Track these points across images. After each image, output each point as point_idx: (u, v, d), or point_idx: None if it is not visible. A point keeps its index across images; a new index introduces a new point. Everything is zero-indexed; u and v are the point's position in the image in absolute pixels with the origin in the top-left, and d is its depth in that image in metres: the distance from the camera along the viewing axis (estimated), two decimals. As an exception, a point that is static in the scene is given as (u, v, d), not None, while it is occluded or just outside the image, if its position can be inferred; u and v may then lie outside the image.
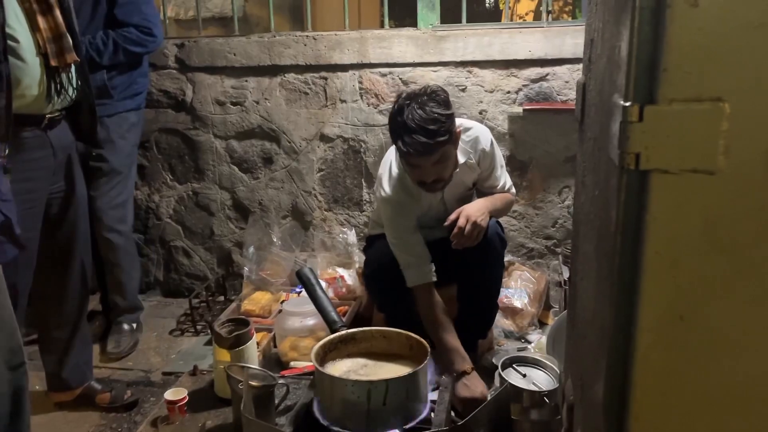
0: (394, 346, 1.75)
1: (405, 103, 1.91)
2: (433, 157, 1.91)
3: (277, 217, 3.09)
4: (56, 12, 1.74)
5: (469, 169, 2.18)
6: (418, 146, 1.87)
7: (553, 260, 2.81)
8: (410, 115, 1.88)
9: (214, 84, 3.00)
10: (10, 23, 1.63)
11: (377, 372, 1.68)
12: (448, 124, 1.91)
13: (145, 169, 3.15)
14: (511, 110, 2.74)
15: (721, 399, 0.79)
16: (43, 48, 1.72)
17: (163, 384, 2.35)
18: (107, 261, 2.64)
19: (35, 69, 1.71)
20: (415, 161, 1.93)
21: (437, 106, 1.90)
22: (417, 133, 1.86)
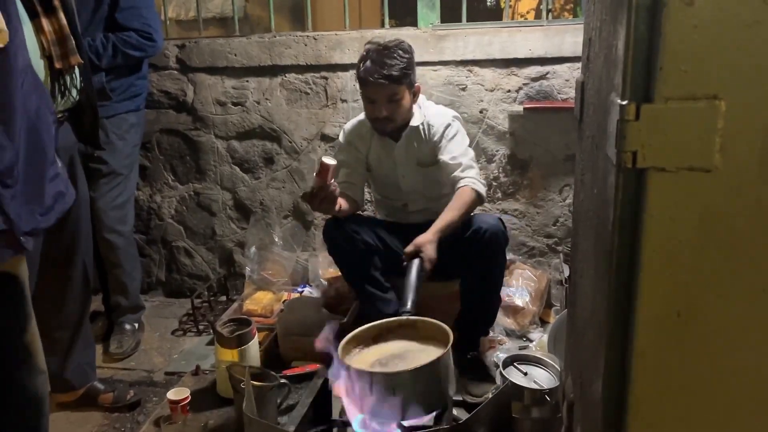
0: (426, 334, 1.75)
1: (372, 46, 2.21)
2: (384, 90, 2.16)
3: (278, 217, 3.10)
4: (60, 14, 1.74)
5: (419, 134, 2.31)
6: (371, 71, 2.14)
7: (554, 259, 2.81)
8: (374, 52, 2.18)
9: (215, 84, 3.01)
10: None
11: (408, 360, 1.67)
12: (404, 65, 2.17)
13: (146, 170, 3.16)
14: (512, 109, 2.74)
15: (719, 395, 0.79)
16: (47, 50, 1.72)
17: (166, 384, 2.36)
18: (108, 262, 2.65)
19: (39, 71, 1.71)
20: (369, 91, 2.20)
21: (401, 50, 2.18)
22: (374, 61, 2.15)
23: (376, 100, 2.20)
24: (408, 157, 2.35)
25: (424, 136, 2.31)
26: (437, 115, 2.34)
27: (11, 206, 1.20)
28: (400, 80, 2.17)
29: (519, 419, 1.68)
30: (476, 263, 2.20)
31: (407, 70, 2.19)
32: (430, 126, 2.31)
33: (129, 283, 2.71)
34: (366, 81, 2.18)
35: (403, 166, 2.37)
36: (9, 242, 1.21)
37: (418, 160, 2.35)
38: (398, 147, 2.34)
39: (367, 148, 2.39)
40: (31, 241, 1.29)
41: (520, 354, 1.88)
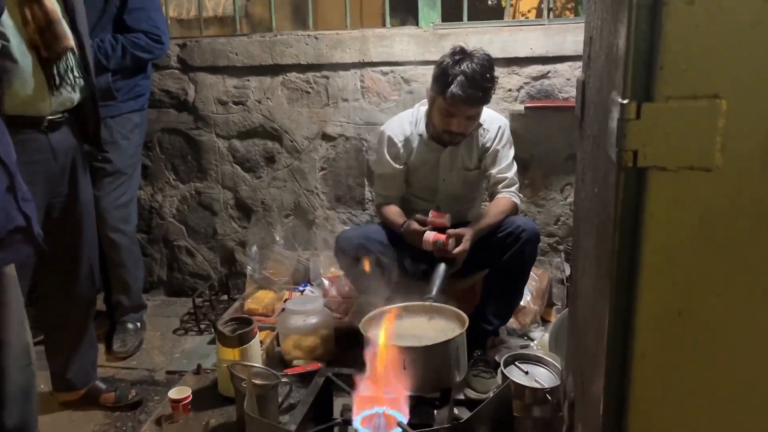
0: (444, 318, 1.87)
1: (462, 56, 2.13)
2: (472, 109, 2.15)
3: (279, 216, 3.10)
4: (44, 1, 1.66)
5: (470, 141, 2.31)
6: (468, 92, 2.08)
7: (556, 258, 2.81)
8: (469, 66, 2.09)
9: (216, 84, 3.01)
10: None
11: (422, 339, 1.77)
12: (493, 87, 2.16)
13: (148, 169, 3.16)
14: (513, 108, 2.74)
15: (719, 395, 0.79)
16: (34, 41, 1.65)
17: (167, 383, 2.36)
18: (111, 261, 2.65)
19: (27, 66, 1.65)
20: (455, 108, 2.14)
21: (490, 69, 2.15)
22: (471, 81, 2.07)
23: (457, 116, 2.17)
24: (453, 162, 2.34)
25: (476, 142, 2.32)
26: (492, 120, 2.33)
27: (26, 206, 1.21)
28: (486, 101, 2.17)
29: (520, 418, 1.68)
30: (510, 260, 2.21)
31: (492, 92, 2.18)
32: (486, 131, 2.31)
33: (132, 282, 2.71)
34: (456, 97, 2.10)
35: (446, 171, 2.36)
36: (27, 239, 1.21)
37: (463, 164, 2.35)
38: (445, 152, 2.32)
39: (410, 152, 2.37)
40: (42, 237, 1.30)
41: (522, 353, 1.88)
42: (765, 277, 0.74)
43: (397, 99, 2.84)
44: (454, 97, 2.10)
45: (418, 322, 1.87)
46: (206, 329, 2.81)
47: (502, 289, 2.29)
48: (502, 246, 2.21)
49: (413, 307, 1.90)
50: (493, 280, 2.31)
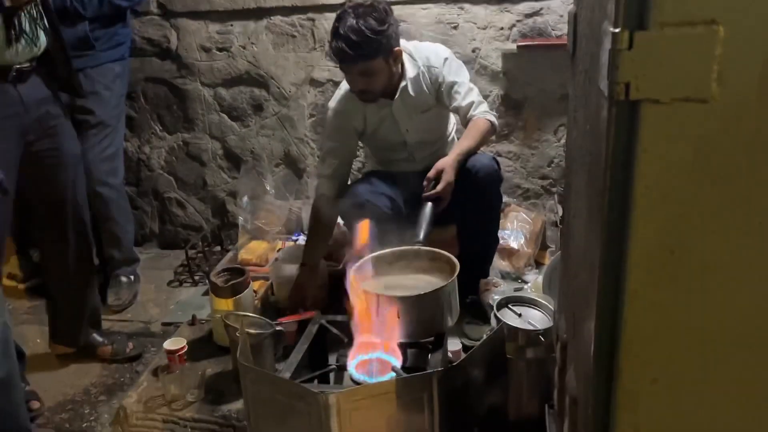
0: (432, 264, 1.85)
1: (345, 10, 2.03)
2: (355, 67, 2.05)
3: (269, 166, 3.06)
4: None
5: (419, 84, 2.22)
6: (338, 53, 2.02)
7: (549, 200, 2.80)
8: (344, 24, 2.00)
9: (199, 30, 2.91)
10: None
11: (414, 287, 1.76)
12: (374, 42, 2.01)
13: (133, 121, 3.09)
14: (505, 47, 2.67)
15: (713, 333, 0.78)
16: None
17: (163, 334, 2.38)
18: (100, 215, 2.62)
19: None
20: (342, 66, 2.09)
21: (372, 20, 2.00)
22: (342, 40, 2.00)
23: (350, 74, 2.10)
24: (408, 111, 2.26)
25: (424, 83, 2.23)
26: (433, 54, 2.24)
27: None
28: (370, 56, 2.03)
29: (513, 360, 1.69)
30: (472, 204, 2.18)
31: (380, 45, 2.03)
32: (430, 69, 2.22)
33: (122, 235, 2.69)
34: (335, 58, 2.09)
35: (405, 121, 2.28)
36: None
37: (418, 107, 2.27)
38: (396, 104, 2.24)
39: (361, 119, 2.28)
40: None
41: (514, 296, 1.88)
42: (761, 213, 0.72)
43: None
44: (334, 56, 2.09)
45: (408, 267, 1.86)
46: (200, 281, 2.81)
47: (476, 235, 2.26)
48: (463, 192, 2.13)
49: (402, 252, 1.88)
50: (463, 229, 2.27)
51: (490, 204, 2.24)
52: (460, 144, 2.17)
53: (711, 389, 0.80)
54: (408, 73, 2.20)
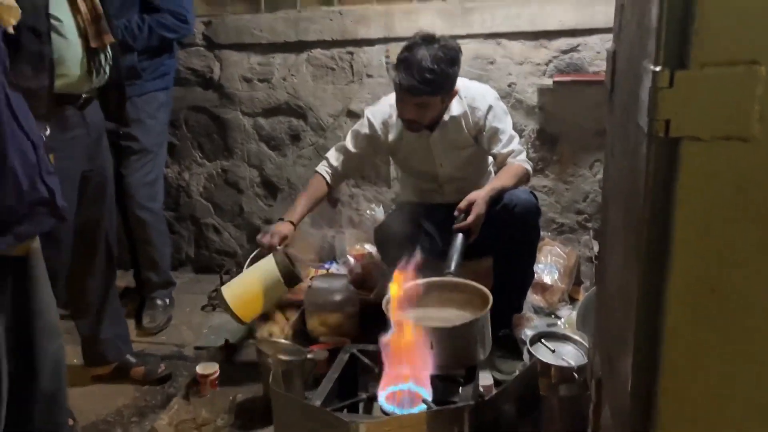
0: (464, 296, 1.85)
1: (418, 41, 2.08)
2: (414, 99, 2.09)
3: (305, 195, 3.09)
4: None
5: (460, 123, 2.25)
6: (404, 82, 2.05)
7: (584, 235, 2.77)
8: (415, 54, 2.04)
9: (241, 61, 3.00)
10: (53, 5, 1.67)
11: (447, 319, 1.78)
12: (443, 80, 2.07)
13: (175, 148, 3.18)
14: (541, 82, 2.68)
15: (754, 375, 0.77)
16: (83, 30, 1.75)
17: (196, 358, 2.39)
18: (139, 238, 2.69)
19: (77, 49, 1.75)
20: (400, 95, 2.13)
21: (443, 60, 2.04)
22: (411, 72, 2.03)
23: (406, 104, 2.14)
24: (445, 146, 2.30)
25: (466, 123, 2.26)
26: (479, 96, 2.27)
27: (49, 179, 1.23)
28: (434, 93, 2.10)
29: (546, 396, 1.67)
30: (509, 238, 2.17)
31: (444, 85, 2.10)
32: (474, 110, 2.25)
33: (159, 259, 2.75)
34: (395, 84, 2.11)
35: (440, 155, 2.32)
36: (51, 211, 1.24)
37: (457, 145, 2.30)
38: (434, 137, 2.28)
39: (395, 136, 2.32)
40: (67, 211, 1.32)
41: (548, 331, 1.86)
42: (804, 252, 0.71)
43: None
44: (396, 84, 2.11)
45: (440, 299, 1.86)
46: (233, 306, 2.83)
47: (512, 269, 2.25)
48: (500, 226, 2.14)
49: (434, 284, 1.88)
50: (499, 263, 2.27)
51: (528, 238, 2.24)
52: (494, 181, 2.20)
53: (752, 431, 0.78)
54: (452, 110, 2.24)
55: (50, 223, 1.25)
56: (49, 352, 1.35)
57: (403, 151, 2.37)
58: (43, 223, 1.23)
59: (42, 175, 1.21)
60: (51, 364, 1.35)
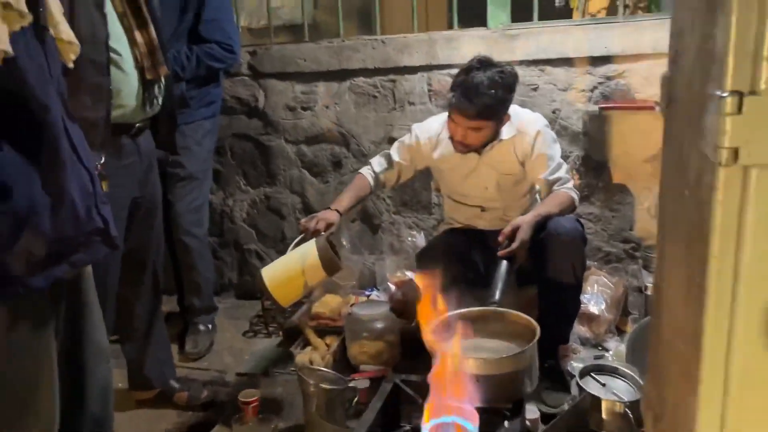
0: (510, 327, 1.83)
1: (478, 65, 2.10)
2: (469, 122, 2.11)
3: (346, 221, 3.10)
4: (151, 27, 1.82)
5: (508, 148, 2.25)
6: (462, 105, 2.07)
7: (632, 264, 2.69)
8: (474, 78, 2.06)
9: (285, 90, 3.05)
10: (112, 38, 1.72)
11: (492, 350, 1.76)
12: (499, 106, 2.10)
13: (219, 174, 3.23)
14: (586, 109, 2.65)
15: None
16: (140, 62, 1.80)
17: (237, 384, 2.39)
18: (184, 263, 2.73)
19: (134, 81, 1.81)
20: (454, 116, 2.14)
21: (500, 86, 2.07)
22: (469, 96, 2.05)
23: (460, 126, 2.16)
24: (492, 169, 2.29)
25: (515, 148, 2.25)
26: (528, 123, 2.26)
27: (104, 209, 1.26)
28: (490, 117, 2.13)
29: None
30: (554, 267, 2.13)
31: (499, 110, 2.13)
32: (524, 136, 2.24)
33: (203, 284, 2.78)
34: (453, 105, 2.13)
35: (486, 179, 2.31)
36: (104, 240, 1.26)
37: (503, 170, 2.29)
38: (482, 160, 2.28)
39: (441, 154, 2.34)
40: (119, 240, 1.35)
41: (598, 364, 1.80)
42: None
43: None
44: (453, 105, 2.12)
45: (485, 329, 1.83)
46: (274, 332, 2.84)
47: (557, 299, 2.19)
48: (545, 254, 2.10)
49: (479, 314, 1.85)
50: (544, 292, 2.22)
51: (573, 267, 2.18)
52: (539, 207, 2.17)
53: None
54: (502, 134, 2.24)
55: (103, 252, 1.27)
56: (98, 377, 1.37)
57: (447, 171, 2.37)
58: (97, 251, 1.25)
59: (98, 205, 1.23)
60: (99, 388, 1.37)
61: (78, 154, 1.18)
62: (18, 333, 1.14)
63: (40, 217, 1.07)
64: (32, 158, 1.07)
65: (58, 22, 1.19)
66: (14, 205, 1.03)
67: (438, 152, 2.35)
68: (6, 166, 1.02)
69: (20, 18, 1.01)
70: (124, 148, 1.87)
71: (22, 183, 1.04)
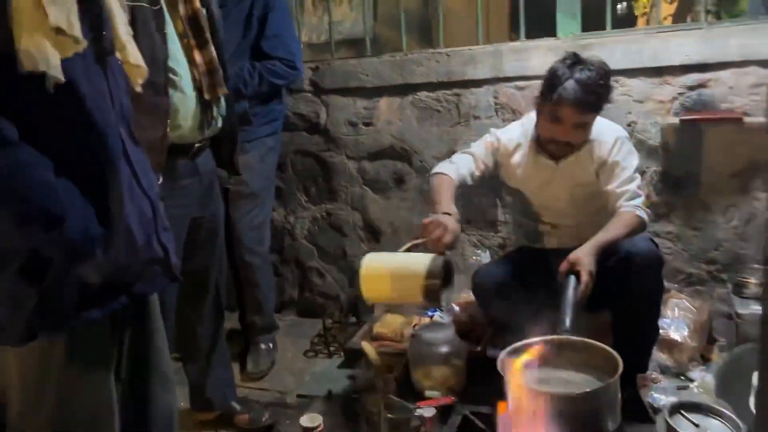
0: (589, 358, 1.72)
1: (576, 61, 2.01)
2: (581, 115, 2.01)
3: (408, 238, 3.02)
4: (211, 47, 1.80)
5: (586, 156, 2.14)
6: (578, 94, 1.95)
7: (718, 288, 2.50)
8: (582, 71, 1.97)
9: (347, 105, 3.01)
10: (171, 58, 1.71)
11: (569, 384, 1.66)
12: (606, 95, 2.03)
13: (281, 191, 3.22)
14: (665, 121, 2.49)
15: None
16: (198, 82, 1.78)
17: (298, 406, 2.35)
18: (245, 281, 2.71)
19: (192, 101, 1.79)
20: (563, 112, 2.00)
21: (604, 77, 2.01)
22: (582, 85, 1.95)
23: (564, 122, 2.03)
24: (568, 179, 2.17)
25: (591, 155, 2.13)
26: (607, 130, 2.15)
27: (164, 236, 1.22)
28: (596, 109, 2.04)
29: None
30: (628, 290, 1.99)
31: (602, 104, 2.05)
32: (601, 144, 2.12)
33: (264, 302, 2.76)
34: (562, 100, 1.98)
35: (561, 189, 2.19)
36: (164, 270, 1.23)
37: (580, 180, 2.17)
38: (559, 168, 2.16)
39: (519, 160, 2.22)
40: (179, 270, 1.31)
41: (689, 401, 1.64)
42: None
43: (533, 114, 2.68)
44: (561, 99, 1.97)
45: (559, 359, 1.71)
46: (335, 352, 2.79)
47: (633, 325, 2.05)
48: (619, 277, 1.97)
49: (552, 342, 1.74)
50: (618, 318, 2.08)
51: (649, 290, 2.03)
52: (602, 234, 2.00)
53: None
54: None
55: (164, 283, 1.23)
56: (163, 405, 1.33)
57: (522, 180, 2.24)
58: (158, 283, 1.21)
59: (158, 232, 1.19)
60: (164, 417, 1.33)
61: (138, 180, 1.14)
62: (76, 367, 1.11)
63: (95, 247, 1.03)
64: (88, 185, 1.03)
65: (126, 46, 1.17)
66: (67, 235, 0.98)
67: (516, 158, 2.23)
68: (59, 194, 0.98)
69: (74, 44, 0.97)
70: (181, 168, 1.84)
71: (76, 212, 1.00)
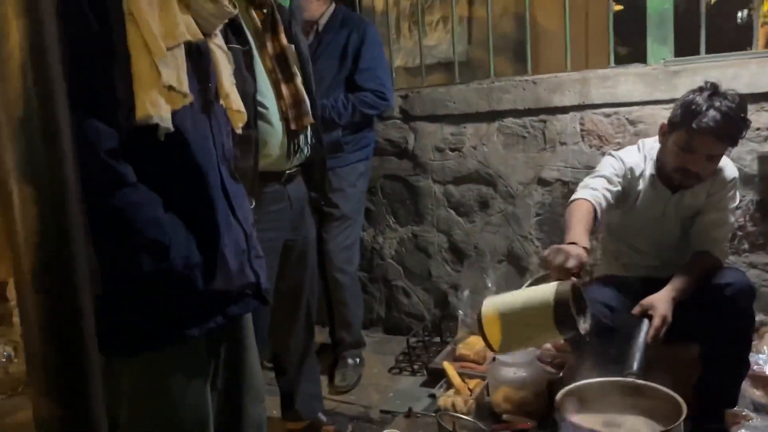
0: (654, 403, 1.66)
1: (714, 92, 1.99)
2: (717, 147, 1.97)
3: (492, 261, 3.07)
4: (297, 80, 1.95)
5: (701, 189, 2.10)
6: (719, 126, 1.91)
7: (819, 324, 2.37)
8: (722, 102, 1.95)
9: (435, 132, 3.11)
10: (259, 92, 1.85)
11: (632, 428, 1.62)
12: (741, 131, 1.99)
13: (371, 213, 3.36)
14: (763, 149, 2.40)
15: None
16: (285, 113, 1.92)
17: (381, 422, 2.45)
18: (335, 299, 2.87)
19: (279, 132, 1.92)
20: (698, 141, 1.95)
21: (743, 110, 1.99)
22: (724, 116, 1.92)
23: (698, 152, 1.98)
24: (681, 211, 2.15)
25: (706, 190, 2.11)
26: (726, 168, 2.12)
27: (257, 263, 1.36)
28: (734, 143, 2.01)
29: None
30: (717, 323, 1.96)
31: (737, 138, 2.01)
32: (718, 180, 2.10)
33: (352, 319, 2.90)
34: (701, 129, 1.93)
35: (671, 220, 2.16)
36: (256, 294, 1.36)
37: (690, 212, 2.14)
38: (674, 199, 2.14)
39: (630, 181, 2.17)
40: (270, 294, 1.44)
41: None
42: None
43: (620, 141, 2.66)
44: (701, 128, 1.92)
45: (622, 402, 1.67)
46: (419, 371, 2.87)
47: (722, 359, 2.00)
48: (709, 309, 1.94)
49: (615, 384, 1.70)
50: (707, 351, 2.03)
51: (740, 323, 1.99)
52: (679, 280, 1.98)
53: None
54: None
55: (254, 306, 1.36)
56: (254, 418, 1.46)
57: (638, 208, 2.19)
58: (249, 305, 1.35)
59: (251, 260, 1.33)
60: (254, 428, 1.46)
61: (234, 213, 1.29)
62: (174, 379, 1.24)
63: (195, 275, 1.18)
64: (190, 220, 1.18)
65: (228, 94, 1.32)
66: (171, 264, 1.14)
67: (638, 184, 2.18)
68: (166, 227, 1.14)
69: (183, 98, 1.14)
70: (272, 195, 1.97)
71: (179, 243, 1.16)
